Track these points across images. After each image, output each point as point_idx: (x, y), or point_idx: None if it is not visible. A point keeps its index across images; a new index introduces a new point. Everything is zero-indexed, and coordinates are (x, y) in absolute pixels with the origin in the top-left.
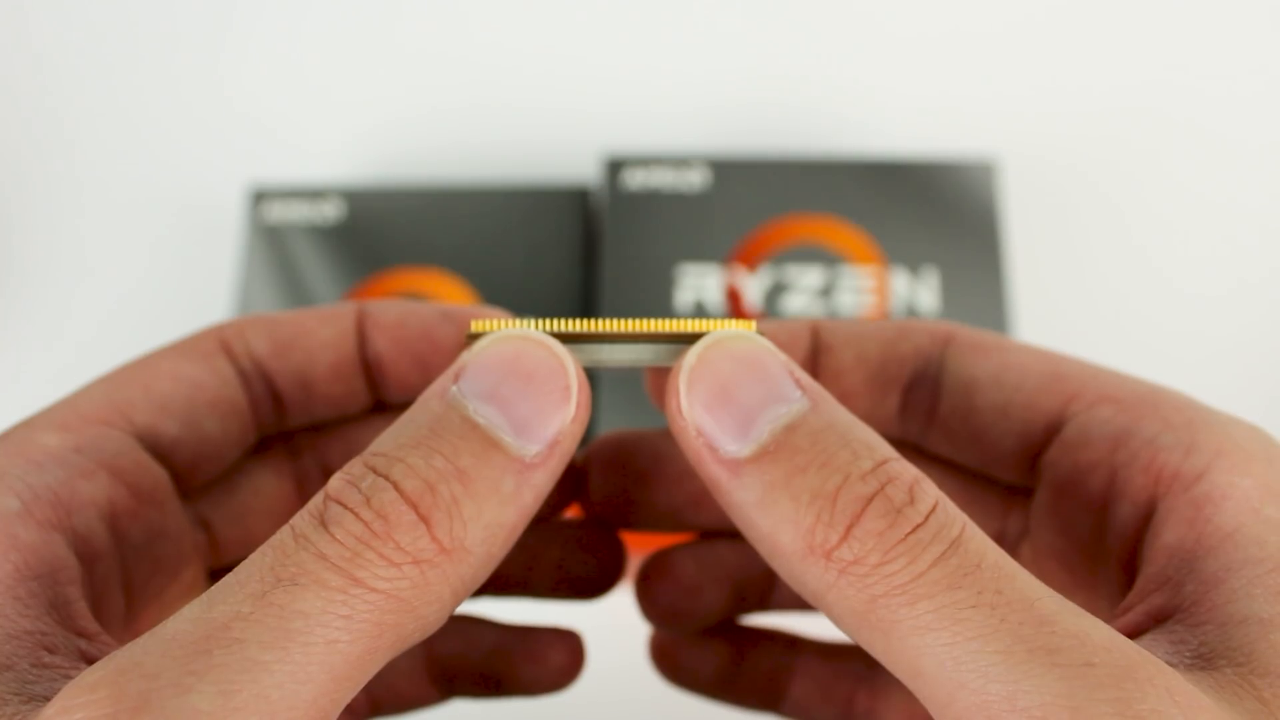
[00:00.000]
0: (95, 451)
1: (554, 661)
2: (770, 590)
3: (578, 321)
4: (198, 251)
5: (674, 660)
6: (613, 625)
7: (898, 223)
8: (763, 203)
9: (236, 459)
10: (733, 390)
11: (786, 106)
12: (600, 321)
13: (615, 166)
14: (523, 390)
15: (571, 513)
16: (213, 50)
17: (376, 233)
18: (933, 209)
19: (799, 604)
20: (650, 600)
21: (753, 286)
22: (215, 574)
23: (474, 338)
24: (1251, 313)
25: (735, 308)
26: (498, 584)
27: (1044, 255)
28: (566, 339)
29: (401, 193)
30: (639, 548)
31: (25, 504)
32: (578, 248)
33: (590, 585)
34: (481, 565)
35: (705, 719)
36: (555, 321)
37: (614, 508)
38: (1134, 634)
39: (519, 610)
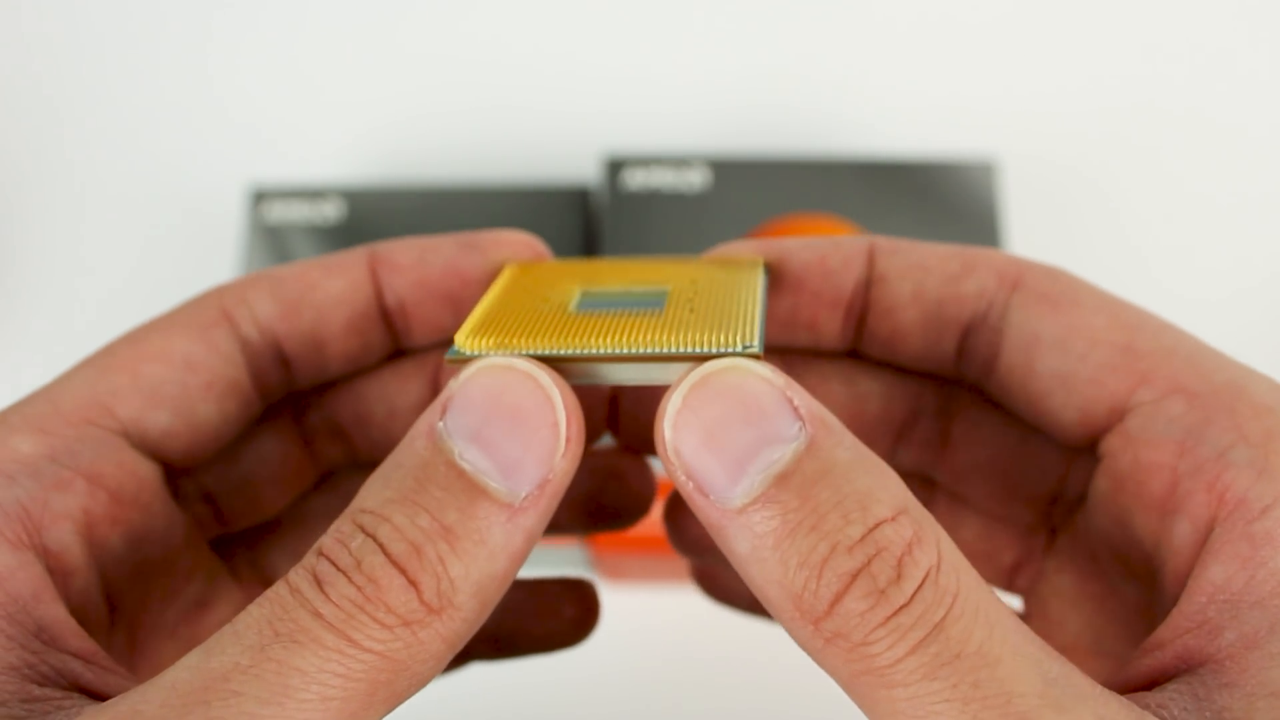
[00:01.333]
0: (72, 457)
1: (567, 614)
2: None
3: (574, 338)
4: (198, 251)
5: (714, 579)
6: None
7: (898, 223)
8: (763, 203)
9: (237, 436)
10: (720, 436)
11: (786, 106)
12: (597, 338)
13: (615, 166)
14: (509, 430)
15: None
16: (213, 50)
17: (376, 233)
18: (933, 209)
19: None
20: (679, 532)
21: None
22: (221, 543)
23: (457, 361)
24: (1252, 313)
25: None
26: None
27: (1044, 255)
28: (557, 362)
29: (401, 193)
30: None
31: None
32: (578, 248)
33: (622, 514)
34: (475, 617)
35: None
36: (547, 338)
37: (644, 435)
38: (1158, 679)
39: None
